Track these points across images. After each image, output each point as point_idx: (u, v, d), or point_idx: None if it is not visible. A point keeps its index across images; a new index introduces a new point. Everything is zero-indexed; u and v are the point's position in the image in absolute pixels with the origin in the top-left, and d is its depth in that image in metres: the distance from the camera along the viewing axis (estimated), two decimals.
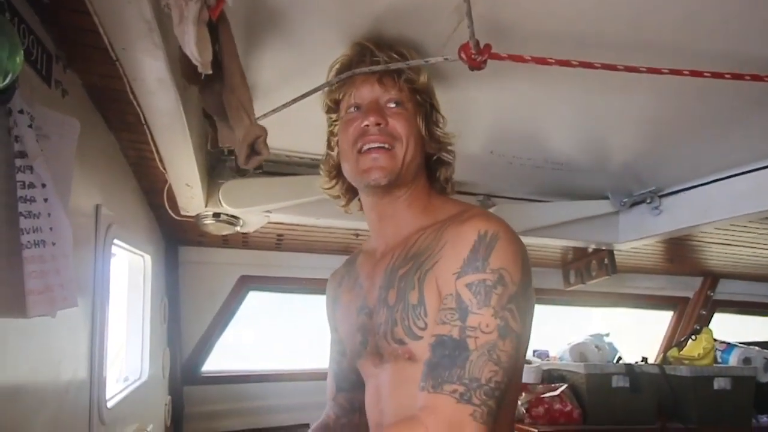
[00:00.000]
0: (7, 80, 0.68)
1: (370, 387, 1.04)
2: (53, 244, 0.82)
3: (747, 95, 1.22)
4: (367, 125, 0.95)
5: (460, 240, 0.86)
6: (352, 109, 1.00)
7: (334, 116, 1.06)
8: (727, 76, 1.03)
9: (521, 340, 0.84)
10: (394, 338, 0.91)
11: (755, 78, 1.03)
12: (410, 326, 0.89)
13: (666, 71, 1.03)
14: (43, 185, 0.82)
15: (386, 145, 0.95)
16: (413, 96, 1.00)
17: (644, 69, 1.02)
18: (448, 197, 1.07)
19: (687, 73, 1.03)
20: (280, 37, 1.07)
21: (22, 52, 0.70)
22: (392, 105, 0.98)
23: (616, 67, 1.02)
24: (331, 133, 1.08)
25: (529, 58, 0.98)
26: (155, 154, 1.37)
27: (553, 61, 0.99)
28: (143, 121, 1.20)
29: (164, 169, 1.45)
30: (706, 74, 1.03)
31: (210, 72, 0.87)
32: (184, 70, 0.89)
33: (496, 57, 0.96)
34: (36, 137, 0.81)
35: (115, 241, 1.44)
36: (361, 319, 1.01)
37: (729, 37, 1.04)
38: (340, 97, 1.02)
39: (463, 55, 0.95)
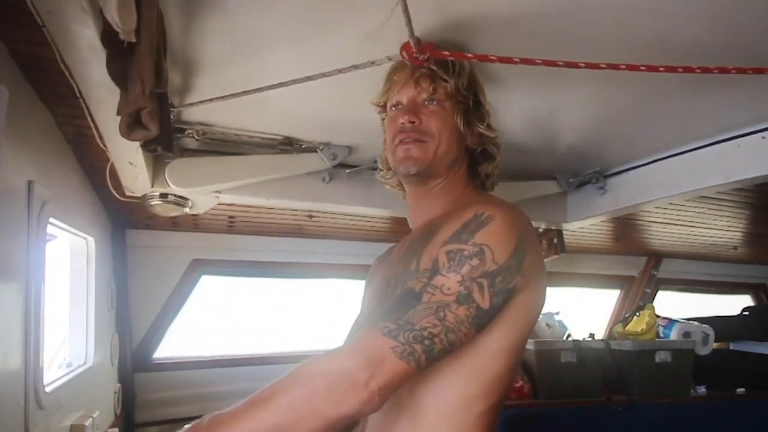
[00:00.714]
0: None
1: None
2: None
3: (684, 79, 1.26)
4: (403, 123, 1.05)
5: (457, 217, 0.92)
6: (394, 108, 1.11)
7: (383, 115, 1.17)
8: (660, 69, 1.06)
9: (484, 316, 0.84)
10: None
11: (687, 70, 1.07)
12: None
13: (604, 66, 1.07)
14: None
15: (420, 139, 1.05)
16: (451, 94, 1.07)
17: (582, 64, 1.06)
18: (483, 191, 1.16)
19: (623, 67, 1.07)
20: (218, 13, 1.04)
21: None
22: (428, 103, 1.07)
23: (556, 63, 1.05)
24: (384, 131, 1.18)
25: (471, 56, 1.01)
26: (94, 130, 1.32)
27: (494, 58, 1.02)
28: (78, 94, 1.15)
29: (104, 146, 1.40)
30: (641, 68, 1.06)
31: (133, 40, 0.83)
32: (104, 35, 0.85)
33: (439, 55, 0.99)
34: None
35: (53, 220, 1.38)
36: (381, 287, 1.08)
37: (661, 23, 1.07)
38: (385, 99, 1.14)
39: (404, 54, 0.97)
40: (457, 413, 0.92)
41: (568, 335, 2.82)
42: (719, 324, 3.07)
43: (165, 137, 1.20)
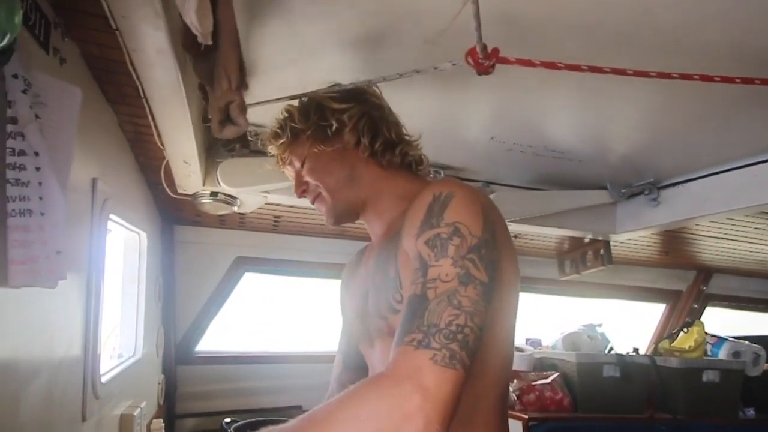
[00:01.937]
0: (5, 41, 0.65)
1: (369, 369, 1.08)
2: (42, 214, 0.80)
3: (745, 90, 1.21)
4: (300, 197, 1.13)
5: (418, 205, 0.88)
6: None
7: None
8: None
9: (489, 289, 0.80)
10: (380, 315, 0.94)
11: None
12: (390, 301, 0.91)
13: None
14: (36, 153, 0.79)
15: (316, 197, 1.10)
16: (299, 143, 1.08)
17: (654, 74, 1.01)
18: (425, 180, 1.10)
19: (697, 77, 1.02)
20: (281, 16, 1.06)
21: (20, 12, 0.68)
22: (302, 166, 1.10)
23: (625, 71, 1.01)
24: None
25: (539, 63, 0.97)
26: (153, 129, 1.36)
27: (562, 65, 0.98)
28: (142, 94, 1.18)
29: (162, 144, 1.44)
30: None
31: (210, 42, 0.85)
32: (183, 40, 0.88)
33: (504, 61, 0.96)
34: (31, 104, 0.79)
35: (111, 216, 1.43)
36: (361, 304, 1.05)
37: (729, 31, 1.02)
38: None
39: (470, 60, 0.95)
40: (468, 417, 0.87)
41: (611, 348, 2.74)
42: None
43: (241, 136, 1.23)
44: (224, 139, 1.20)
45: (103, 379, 1.36)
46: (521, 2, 0.97)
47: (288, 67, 1.26)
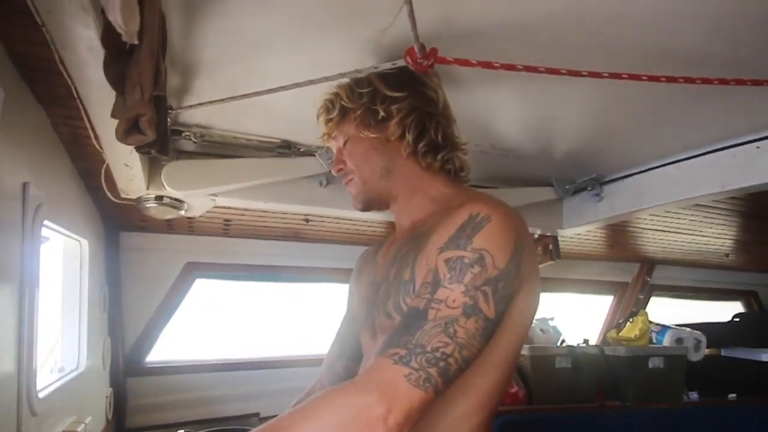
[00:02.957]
0: None
1: (365, 360, 1.07)
2: None
3: (682, 89, 1.27)
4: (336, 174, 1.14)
5: (451, 219, 0.88)
6: None
7: None
8: (662, 79, 1.07)
9: (491, 326, 0.81)
10: (385, 312, 0.95)
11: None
12: (399, 302, 0.92)
13: (606, 75, 1.07)
14: None
15: (350, 178, 1.11)
16: (347, 122, 1.09)
17: (585, 73, 1.06)
18: (462, 185, 1.10)
19: (625, 76, 1.07)
20: (221, 11, 1.03)
21: None
22: (343, 146, 1.12)
23: (559, 71, 1.04)
24: None
25: (476, 63, 1.00)
26: (90, 131, 1.30)
27: (498, 65, 1.01)
28: (75, 95, 1.13)
29: (100, 147, 1.38)
30: (643, 77, 1.07)
31: (136, 42, 0.82)
32: (104, 36, 0.84)
33: (443, 61, 0.98)
34: None
35: (47, 222, 1.36)
36: (369, 293, 1.07)
37: (661, 32, 1.07)
38: None
39: (408, 60, 0.97)
40: (451, 430, 0.89)
41: (563, 341, 2.83)
42: (711, 330, 3.09)
43: (160, 140, 1.19)
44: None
45: (41, 395, 1.30)
46: (462, 4, 0.98)
47: (232, 66, 1.24)
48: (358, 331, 1.13)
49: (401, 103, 1.05)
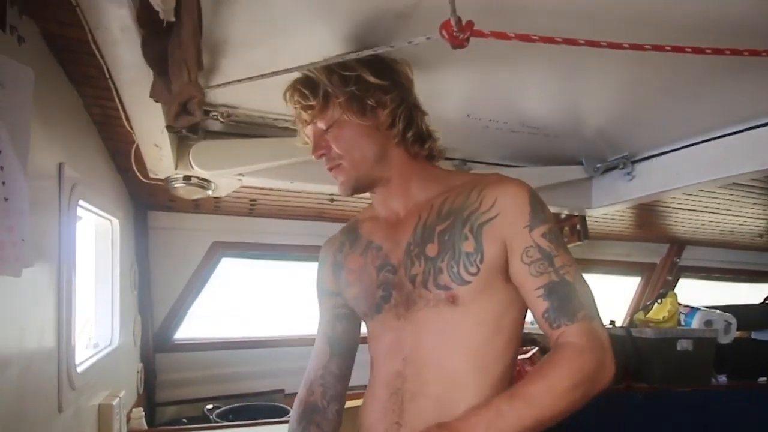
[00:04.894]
0: None
1: (387, 339, 1.08)
2: (5, 199, 0.77)
3: (717, 62, 1.21)
4: (317, 158, 1.10)
5: (516, 198, 1.00)
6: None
7: None
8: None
9: None
10: (438, 285, 1.00)
11: (716, 52, 1.03)
12: (459, 273, 0.98)
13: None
14: None
15: (336, 165, 1.08)
16: (331, 106, 1.06)
17: (627, 45, 1.01)
18: (445, 169, 1.17)
19: (669, 49, 1.02)
20: None
21: None
22: (326, 129, 1.07)
23: (599, 43, 1.00)
24: None
25: (513, 35, 0.96)
26: (121, 112, 1.31)
27: (537, 38, 0.97)
28: (107, 75, 1.14)
29: (131, 128, 1.39)
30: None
31: (173, 19, 0.82)
32: (140, 15, 0.84)
33: (479, 34, 0.95)
34: None
35: (81, 202, 1.38)
36: (383, 276, 1.08)
37: (698, 2, 1.02)
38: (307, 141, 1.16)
39: (444, 33, 0.94)
40: (487, 369, 1.01)
41: None
42: (741, 312, 3.02)
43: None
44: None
45: (79, 369, 1.34)
46: None
47: (258, 45, 1.22)
48: (368, 317, 1.12)
49: (392, 93, 1.07)
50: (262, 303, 3.04)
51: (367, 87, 1.05)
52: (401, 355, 1.04)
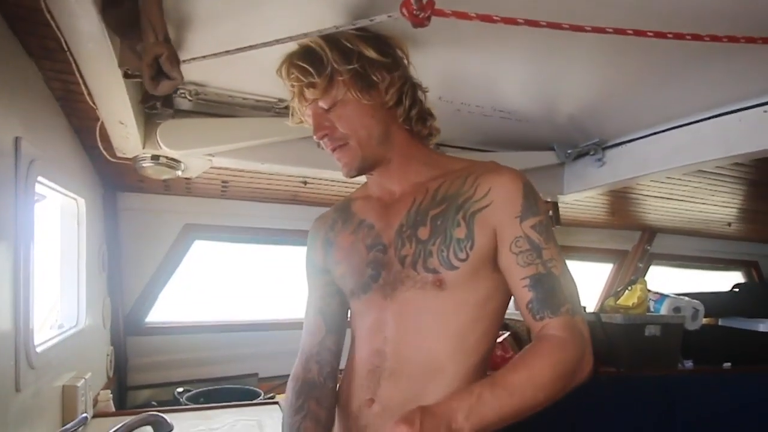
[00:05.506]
0: None
1: (371, 318, 1.09)
2: None
3: (687, 49, 1.23)
4: (319, 140, 1.07)
5: (510, 188, 1.00)
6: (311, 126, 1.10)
7: None
8: (669, 35, 1.03)
9: None
10: (426, 268, 1.01)
11: (696, 37, 1.04)
12: (449, 257, 1.00)
13: (610, 30, 1.03)
14: None
15: (340, 145, 1.06)
16: (333, 86, 1.02)
17: (589, 28, 1.02)
18: (437, 151, 1.19)
19: (630, 32, 1.03)
20: None
21: None
22: (328, 109, 1.04)
23: (561, 25, 1.01)
24: None
25: (474, 16, 0.96)
26: (83, 87, 1.28)
27: (498, 18, 0.97)
28: (65, 48, 1.10)
29: (94, 104, 1.36)
30: (648, 34, 1.03)
31: None
32: None
33: (440, 14, 0.94)
34: None
35: (40, 179, 1.35)
36: (373, 255, 1.08)
37: None
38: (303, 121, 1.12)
39: (404, 11, 0.93)
40: (466, 353, 1.03)
41: None
42: (709, 300, 3.09)
43: (165, 95, 1.17)
44: (145, 97, 1.13)
45: (39, 349, 1.31)
46: None
47: (227, 19, 1.20)
48: (356, 296, 1.12)
49: (397, 70, 1.06)
50: (237, 287, 3.01)
51: (371, 63, 1.02)
52: (383, 334, 1.05)
